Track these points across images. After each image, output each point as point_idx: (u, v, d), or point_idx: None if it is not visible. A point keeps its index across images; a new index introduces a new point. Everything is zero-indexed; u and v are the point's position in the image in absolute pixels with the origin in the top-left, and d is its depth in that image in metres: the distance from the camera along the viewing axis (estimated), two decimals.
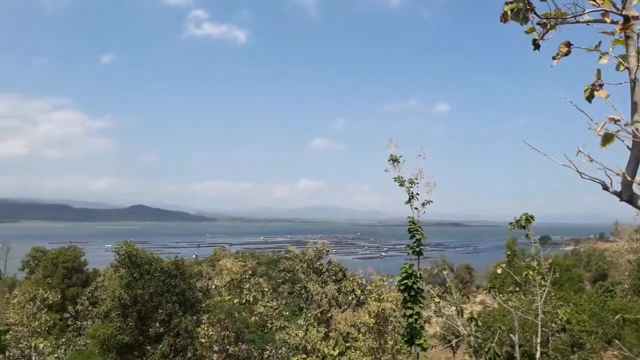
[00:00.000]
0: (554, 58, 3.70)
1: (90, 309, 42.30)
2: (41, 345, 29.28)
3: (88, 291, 46.02)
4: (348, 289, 34.22)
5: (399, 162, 13.40)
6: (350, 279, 35.84)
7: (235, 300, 30.45)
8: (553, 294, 22.25)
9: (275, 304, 33.31)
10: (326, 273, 39.71)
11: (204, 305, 26.95)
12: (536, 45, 3.74)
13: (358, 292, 33.69)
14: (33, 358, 29.10)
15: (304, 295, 37.43)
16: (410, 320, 12.25)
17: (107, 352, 24.42)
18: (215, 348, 27.41)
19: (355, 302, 33.54)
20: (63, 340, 35.12)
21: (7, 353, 27.45)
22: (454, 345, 44.38)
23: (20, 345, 29.11)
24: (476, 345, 11.91)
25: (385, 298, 29.65)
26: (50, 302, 36.71)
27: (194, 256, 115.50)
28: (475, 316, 13.26)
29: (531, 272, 13.75)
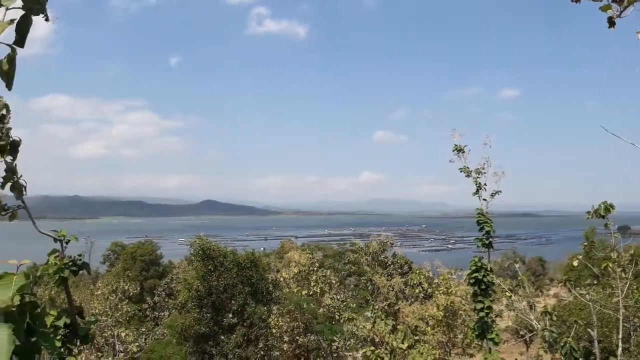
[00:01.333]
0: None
1: (166, 300, 44.46)
2: (123, 334, 31.18)
3: (164, 283, 48.34)
4: (415, 282, 33.88)
5: (464, 151, 13.09)
6: (417, 272, 35.46)
7: (304, 292, 30.98)
8: (635, 287, 21.04)
9: (342, 296, 33.59)
10: (392, 266, 39.50)
11: (274, 296, 27.65)
12: (611, 23, 3.59)
13: (425, 285, 33.29)
14: (116, 346, 31.02)
15: (369, 288, 37.46)
16: (481, 314, 12.02)
17: (184, 342, 25.63)
18: (286, 338, 28.09)
19: (422, 295, 33.17)
20: (143, 329, 37.10)
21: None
22: (527, 339, 42.94)
23: (105, 334, 31.04)
24: (551, 339, 11.53)
25: (454, 291, 29.13)
26: (130, 293, 38.95)
27: (262, 249, 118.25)
28: (549, 310, 12.83)
29: (611, 264, 13.09)
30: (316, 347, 29.34)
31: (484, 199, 12.75)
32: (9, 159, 5.88)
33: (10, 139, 5.88)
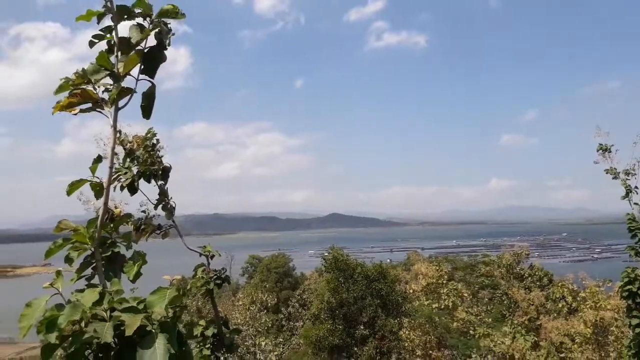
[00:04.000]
0: None
1: (300, 310, 46.06)
2: (263, 344, 32.81)
3: (297, 294, 50.15)
4: (557, 296, 31.55)
5: (610, 151, 12.03)
6: (559, 284, 32.99)
7: (435, 305, 30.24)
8: None
9: (475, 310, 32.22)
10: (529, 278, 37.14)
11: (404, 309, 27.39)
12: None
13: (569, 298, 30.85)
14: (257, 355, 32.72)
15: (505, 302, 35.48)
16: (637, 330, 10.84)
17: (319, 352, 26.34)
18: (419, 352, 27.54)
19: (566, 309, 30.77)
20: (280, 339, 38.71)
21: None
22: None
23: (246, 344, 32.91)
24: None
25: (604, 306, 26.60)
26: (269, 304, 41.01)
27: (388, 260, 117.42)
28: None
29: None
30: None
31: (635, 203, 11.58)
32: (161, 183, 6.64)
33: (162, 165, 6.62)
